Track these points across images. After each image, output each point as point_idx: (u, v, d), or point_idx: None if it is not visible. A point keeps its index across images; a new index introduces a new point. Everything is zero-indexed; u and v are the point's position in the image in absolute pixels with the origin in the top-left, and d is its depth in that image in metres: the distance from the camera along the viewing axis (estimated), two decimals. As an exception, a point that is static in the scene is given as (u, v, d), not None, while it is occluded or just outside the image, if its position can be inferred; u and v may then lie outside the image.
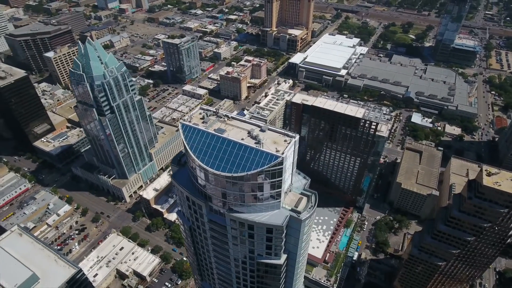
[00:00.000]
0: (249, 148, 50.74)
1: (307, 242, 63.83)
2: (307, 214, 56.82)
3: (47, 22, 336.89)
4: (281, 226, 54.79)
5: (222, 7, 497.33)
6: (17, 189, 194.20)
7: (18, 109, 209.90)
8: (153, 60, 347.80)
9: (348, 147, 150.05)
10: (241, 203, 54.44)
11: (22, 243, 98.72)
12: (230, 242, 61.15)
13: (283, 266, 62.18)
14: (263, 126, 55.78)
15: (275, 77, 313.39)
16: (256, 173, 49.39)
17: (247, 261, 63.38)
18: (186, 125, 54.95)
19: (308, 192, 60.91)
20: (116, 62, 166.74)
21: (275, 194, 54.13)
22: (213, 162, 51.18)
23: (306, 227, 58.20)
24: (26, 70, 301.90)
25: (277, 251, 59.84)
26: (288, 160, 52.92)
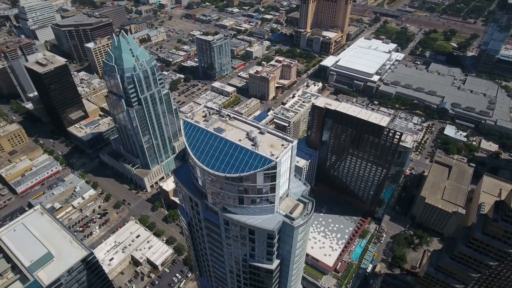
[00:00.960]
0: (245, 149, 50.22)
1: (302, 249, 62.28)
2: (301, 221, 55.34)
3: (90, 14, 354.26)
4: (272, 231, 53.85)
5: (258, 6, 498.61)
6: (49, 171, 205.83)
7: (56, 95, 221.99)
8: (187, 55, 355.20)
9: (370, 155, 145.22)
10: (235, 204, 54.06)
11: (42, 222, 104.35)
12: (224, 241, 61.05)
13: (275, 271, 61.14)
14: (262, 129, 55.04)
15: (305, 79, 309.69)
16: (249, 175, 48.82)
17: (240, 262, 62.99)
18: (188, 122, 55.43)
19: (305, 199, 59.36)
20: (147, 55, 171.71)
21: (269, 198, 53.24)
22: (208, 161, 51.23)
23: (300, 234, 56.71)
24: (68, 59, 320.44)
25: (269, 256, 58.93)
26: (284, 165, 51.85)
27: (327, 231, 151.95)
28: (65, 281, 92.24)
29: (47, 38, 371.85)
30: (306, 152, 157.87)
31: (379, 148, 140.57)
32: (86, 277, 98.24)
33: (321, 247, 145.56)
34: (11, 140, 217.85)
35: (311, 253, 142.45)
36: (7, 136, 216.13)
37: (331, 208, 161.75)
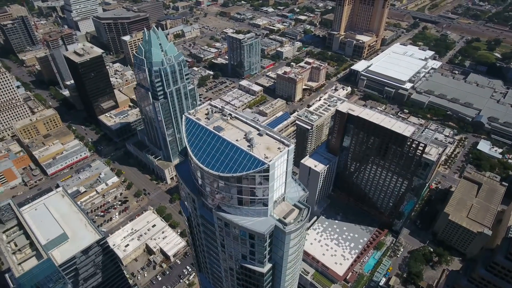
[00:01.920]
0: (240, 150, 49.90)
1: (296, 255, 60.94)
2: (293, 227, 54.14)
3: (129, 8, 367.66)
4: (262, 234, 53.14)
5: (293, 7, 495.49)
6: (78, 156, 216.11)
7: (90, 84, 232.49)
8: (218, 52, 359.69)
9: (392, 164, 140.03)
10: (229, 203, 53.88)
11: (62, 204, 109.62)
12: (218, 240, 61.08)
13: (266, 275, 60.31)
14: (261, 130, 54.39)
15: (334, 83, 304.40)
16: (241, 176, 48.44)
17: (233, 262, 62.81)
18: (189, 118, 55.97)
19: (301, 205, 58.01)
20: (176, 51, 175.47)
21: (262, 201, 52.58)
22: (204, 158, 51.44)
23: (293, 240, 55.53)
24: (105, 50, 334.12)
25: (260, 259, 58.23)
26: (278, 169, 50.97)
27: (341, 239, 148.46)
28: (77, 262, 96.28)
29: (88, 29, 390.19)
30: (325, 157, 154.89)
31: (402, 159, 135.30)
32: (97, 260, 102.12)
33: (332, 254, 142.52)
34: (46, 124, 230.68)
35: (321, 260, 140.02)
36: (43, 120, 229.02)
37: (347, 216, 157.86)
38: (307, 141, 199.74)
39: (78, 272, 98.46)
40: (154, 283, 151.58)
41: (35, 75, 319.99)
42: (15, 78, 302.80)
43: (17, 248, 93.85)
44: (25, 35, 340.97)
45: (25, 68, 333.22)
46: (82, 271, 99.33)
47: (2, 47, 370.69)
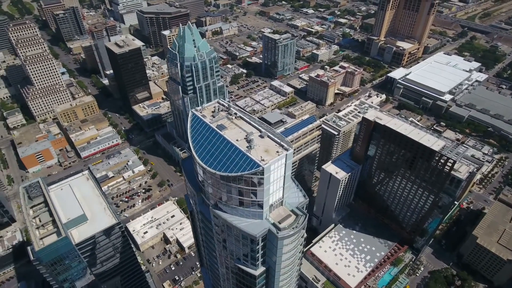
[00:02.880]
0: (238, 150, 49.62)
1: (291, 262, 59.62)
2: (286, 233, 53.00)
3: (172, 4, 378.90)
4: (254, 236, 52.50)
5: (334, 9, 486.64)
6: (110, 142, 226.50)
7: (127, 74, 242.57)
8: (253, 51, 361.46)
9: (418, 178, 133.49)
10: (225, 202, 53.76)
11: (85, 186, 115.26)
12: (215, 237, 61.25)
13: (259, 277, 59.56)
14: (263, 132, 53.70)
15: (368, 89, 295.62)
16: (237, 176, 48.15)
17: (228, 261, 62.72)
18: (195, 114, 56.56)
19: (299, 211, 56.62)
20: (208, 47, 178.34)
21: (257, 203, 51.95)
22: (204, 155, 51.74)
23: (286, 246, 54.41)
24: (145, 43, 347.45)
25: (253, 261, 57.59)
26: (275, 173, 50.08)
27: (357, 250, 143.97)
28: (93, 243, 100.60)
29: (132, 22, 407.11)
30: (348, 164, 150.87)
31: (429, 173, 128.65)
32: (112, 244, 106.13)
33: (346, 265, 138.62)
34: (84, 110, 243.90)
35: (334, 269, 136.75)
36: (82, 106, 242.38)
37: (366, 227, 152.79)
38: (333, 146, 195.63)
39: (94, 253, 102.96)
40: (167, 272, 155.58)
41: (79, 63, 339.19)
42: (62, 64, 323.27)
43: (41, 224, 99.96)
44: (74, 25, 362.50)
45: (71, 56, 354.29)
46: (97, 252, 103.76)
47: (54, 35, 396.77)
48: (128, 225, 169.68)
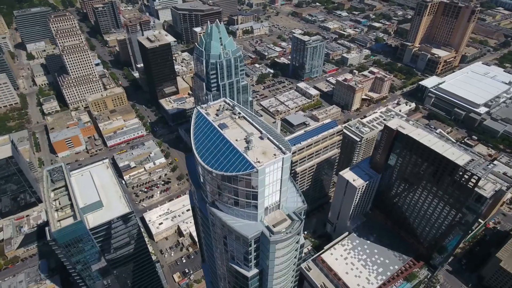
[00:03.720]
0: (235, 150, 49.41)
1: (286, 266, 58.49)
2: (279, 237, 52.14)
3: (205, 2, 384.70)
4: (246, 237, 52.05)
5: (369, 13, 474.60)
6: (135, 133, 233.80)
7: (156, 69, 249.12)
8: (282, 52, 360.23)
9: (439, 190, 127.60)
10: (221, 201, 53.70)
11: (104, 174, 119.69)
12: (212, 235, 61.41)
13: (252, 279, 59.00)
14: (263, 134, 53.11)
15: (398, 96, 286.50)
16: (231, 176, 47.93)
17: (223, 260, 62.66)
18: (199, 111, 56.96)
19: (295, 217, 55.49)
20: (234, 46, 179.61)
21: (252, 205, 51.46)
22: (203, 152, 51.96)
23: (279, 250, 53.51)
24: (177, 39, 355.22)
25: (246, 262, 57.15)
26: (270, 175, 49.35)
27: (369, 261, 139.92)
28: (106, 229, 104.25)
29: (166, 18, 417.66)
30: (366, 172, 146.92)
31: (451, 188, 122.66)
32: (124, 232, 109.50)
33: (357, 275, 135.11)
34: (114, 101, 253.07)
35: (343, 278, 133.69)
36: (112, 96, 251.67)
37: (381, 239, 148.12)
38: (354, 153, 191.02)
39: (106, 238, 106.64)
40: (178, 264, 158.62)
41: (114, 55, 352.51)
42: (97, 56, 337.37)
43: (60, 207, 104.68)
44: (111, 18, 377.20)
45: (107, 48, 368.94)
46: (109, 238, 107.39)
47: (92, 28, 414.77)
48: (144, 215, 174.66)
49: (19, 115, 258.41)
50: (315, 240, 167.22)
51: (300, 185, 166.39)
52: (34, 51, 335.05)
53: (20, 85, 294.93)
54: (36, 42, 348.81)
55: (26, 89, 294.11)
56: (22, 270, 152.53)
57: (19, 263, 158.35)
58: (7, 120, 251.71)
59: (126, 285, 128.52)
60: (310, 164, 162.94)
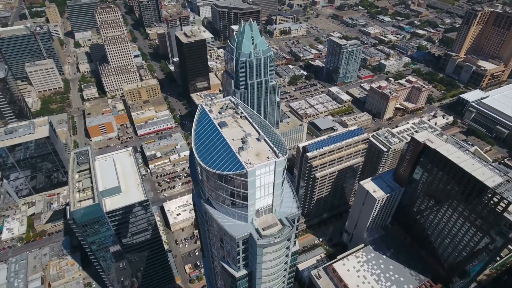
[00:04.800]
0: (229, 149, 49.07)
1: (274, 271, 57.21)
2: (266, 241, 51.14)
3: (245, 0, 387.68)
4: (234, 237, 51.55)
5: (414, 19, 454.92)
6: (165, 125, 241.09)
7: (190, 63, 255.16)
8: (317, 54, 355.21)
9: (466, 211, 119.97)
10: (214, 199, 53.62)
11: (126, 161, 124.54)
12: (206, 232, 61.57)
13: (240, 280, 58.37)
14: (261, 135, 52.30)
15: (435, 108, 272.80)
16: (222, 175, 47.64)
17: (216, 256, 62.59)
18: (203, 108, 57.28)
19: (287, 222, 54.15)
20: (266, 45, 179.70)
21: (242, 206, 50.88)
22: (200, 148, 52.17)
23: (267, 254, 52.51)
24: (215, 36, 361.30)
25: (235, 262, 56.64)
26: (262, 178, 48.45)
27: (382, 277, 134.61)
28: (121, 214, 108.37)
29: (206, 15, 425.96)
30: (389, 184, 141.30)
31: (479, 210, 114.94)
32: (138, 219, 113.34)
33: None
34: (148, 92, 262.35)
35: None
36: (146, 87, 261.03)
37: (398, 255, 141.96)
38: (380, 163, 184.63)
39: (121, 223, 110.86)
40: (190, 256, 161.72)
41: (153, 48, 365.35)
42: (138, 48, 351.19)
43: (82, 188, 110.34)
44: (154, 12, 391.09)
45: (148, 41, 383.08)
46: (123, 223, 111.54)
47: (136, 20, 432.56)
48: (164, 204, 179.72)
49: (62, 99, 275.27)
50: (329, 248, 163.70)
51: (319, 191, 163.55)
52: (81, 40, 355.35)
53: (66, 70, 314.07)
54: (83, 31, 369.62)
55: (70, 75, 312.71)
56: (47, 244, 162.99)
57: (46, 237, 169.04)
58: (50, 102, 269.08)
59: (138, 271, 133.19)
60: (331, 171, 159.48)
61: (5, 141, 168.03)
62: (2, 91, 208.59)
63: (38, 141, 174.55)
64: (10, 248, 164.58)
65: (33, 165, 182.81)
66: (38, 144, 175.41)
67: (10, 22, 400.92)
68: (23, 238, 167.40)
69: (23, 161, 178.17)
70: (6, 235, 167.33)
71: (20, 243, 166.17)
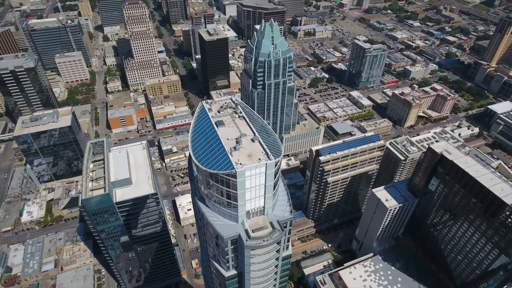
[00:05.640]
0: (222, 148, 48.87)
1: (263, 274, 56.53)
2: (254, 243, 50.53)
3: (271, 0, 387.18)
4: (222, 237, 51.27)
5: (445, 25, 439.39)
6: (183, 120, 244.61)
7: (211, 61, 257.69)
8: (341, 57, 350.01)
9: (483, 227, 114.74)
10: (207, 197, 53.60)
11: (140, 154, 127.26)
12: (201, 229, 61.67)
13: (229, 280, 57.92)
14: (255, 136, 51.75)
15: (460, 118, 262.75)
16: (213, 174, 47.47)
17: (209, 254, 62.53)
18: (203, 106, 57.39)
19: (277, 226, 53.30)
20: (285, 46, 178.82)
21: (232, 206, 50.51)
22: (196, 146, 52.35)
23: (255, 257, 51.91)
24: (239, 35, 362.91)
25: (224, 261, 56.32)
26: (252, 180, 47.89)
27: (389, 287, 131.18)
28: (130, 205, 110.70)
29: (232, 13, 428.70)
30: (402, 194, 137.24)
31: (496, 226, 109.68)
32: (146, 211, 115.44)
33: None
34: (169, 87, 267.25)
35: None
36: (168, 83, 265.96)
37: (408, 267, 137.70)
38: (396, 172, 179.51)
39: (130, 214, 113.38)
40: (198, 251, 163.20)
41: (178, 44, 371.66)
42: (163, 44, 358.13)
43: (95, 178, 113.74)
44: (181, 9, 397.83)
45: (173, 37, 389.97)
46: (132, 215, 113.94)
47: (164, 17, 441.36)
48: (176, 199, 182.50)
49: (87, 90, 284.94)
50: (337, 255, 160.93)
51: (330, 196, 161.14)
52: (109, 34, 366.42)
53: (93, 63, 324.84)
54: (112, 25, 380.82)
55: (97, 67, 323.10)
56: (63, 229, 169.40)
57: (62, 222, 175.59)
58: (76, 93, 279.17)
59: (146, 262, 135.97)
60: (344, 176, 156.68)
61: (30, 128, 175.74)
62: (31, 80, 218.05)
63: (60, 130, 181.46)
64: (28, 230, 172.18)
65: (55, 152, 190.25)
66: (61, 133, 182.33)
67: (45, 15, 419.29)
68: (41, 222, 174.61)
69: (46, 148, 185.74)
70: (26, 218, 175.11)
71: (38, 226, 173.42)
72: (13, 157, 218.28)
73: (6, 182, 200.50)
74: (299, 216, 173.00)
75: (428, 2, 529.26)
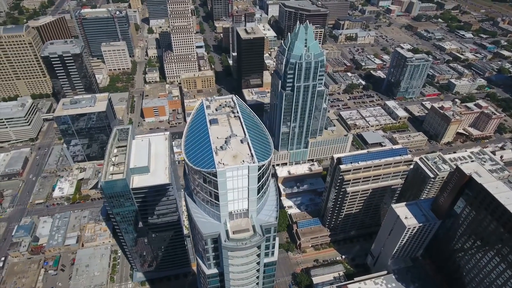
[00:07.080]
0: (208, 146, 48.68)
1: (244, 276, 55.49)
2: (232, 244, 49.74)
3: (314, 2, 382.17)
4: (202, 234, 50.93)
5: (501, 38, 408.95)
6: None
7: (246, 59, 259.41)
8: (381, 65, 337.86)
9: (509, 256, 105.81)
10: (194, 192, 53.66)
11: (161, 144, 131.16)
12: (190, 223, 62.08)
13: (210, 278, 57.58)
14: (245, 138, 50.80)
15: (505, 139, 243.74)
16: (197, 170, 47.34)
17: (199, 249, 62.65)
18: (202, 103, 57.51)
19: (259, 230, 52.06)
20: (319, 49, 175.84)
21: (215, 205, 50.03)
22: (188, 142, 52.52)
23: (234, 258, 51.11)
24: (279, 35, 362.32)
25: (205, 258, 56.02)
26: (234, 181, 47.12)
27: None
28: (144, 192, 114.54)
29: (274, 13, 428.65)
30: (424, 213, 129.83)
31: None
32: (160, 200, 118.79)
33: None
34: (203, 82, 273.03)
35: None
36: (202, 78, 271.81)
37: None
38: (424, 189, 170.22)
39: (144, 201, 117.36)
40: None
41: (218, 41, 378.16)
42: (204, 39, 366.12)
43: (116, 162, 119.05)
44: (224, 6, 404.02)
45: (214, 34, 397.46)
46: (146, 202, 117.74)
47: (208, 13, 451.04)
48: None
49: (127, 79, 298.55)
50: (350, 268, 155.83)
51: (348, 207, 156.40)
52: (154, 26, 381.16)
53: (136, 54, 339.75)
54: (158, 18, 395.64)
55: (139, 58, 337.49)
56: (88, 208, 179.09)
57: (88, 201, 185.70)
58: (117, 81, 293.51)
59: (159, 249, 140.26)
60: (365, 188, 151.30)
61: (68, 110, 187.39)
62: (77, 66, 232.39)
63: (96, 114, 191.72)
64: (58, 205, 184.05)
65: (90, 135, 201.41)
66: (96, 117, 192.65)
67: (98, 5, 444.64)
68: (70, 199, 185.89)
69: (82, 130, 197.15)
70: (57, 193, 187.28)
71: (67, 203, 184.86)
72: (53, 136, 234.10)
73: (45, 158, 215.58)
74: (315, 223, 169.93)
75: (484, 13, 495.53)
